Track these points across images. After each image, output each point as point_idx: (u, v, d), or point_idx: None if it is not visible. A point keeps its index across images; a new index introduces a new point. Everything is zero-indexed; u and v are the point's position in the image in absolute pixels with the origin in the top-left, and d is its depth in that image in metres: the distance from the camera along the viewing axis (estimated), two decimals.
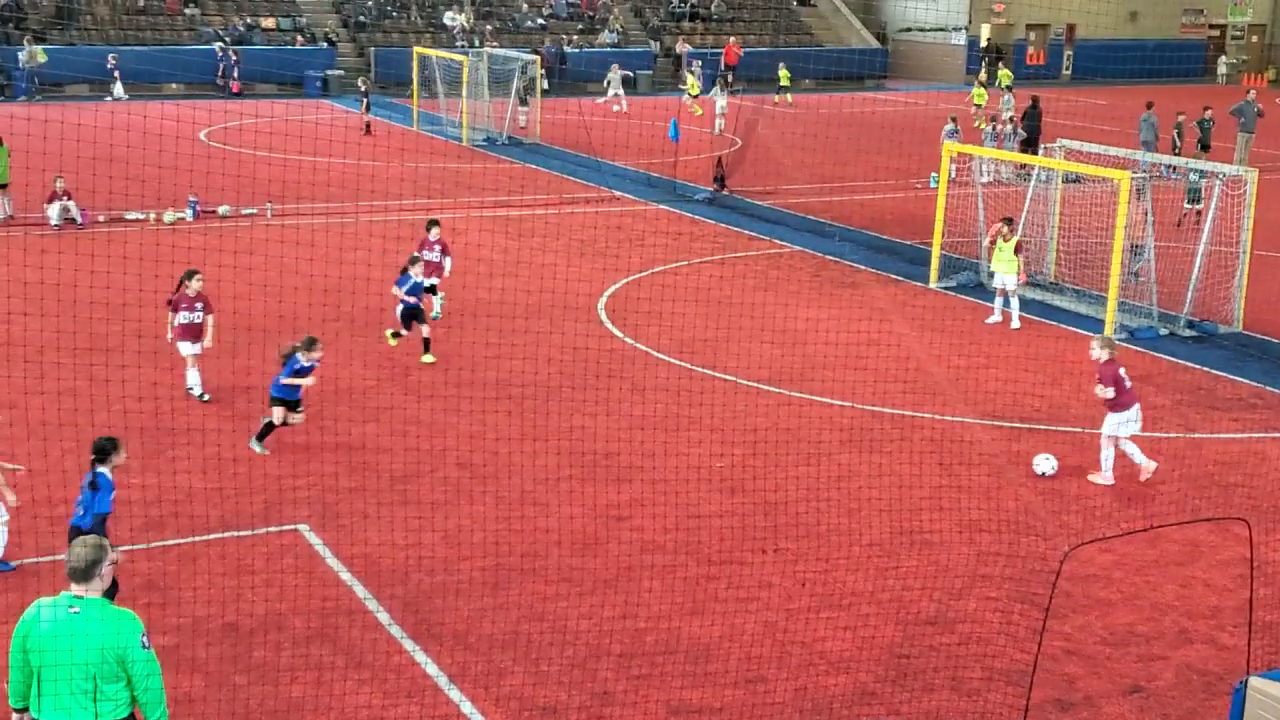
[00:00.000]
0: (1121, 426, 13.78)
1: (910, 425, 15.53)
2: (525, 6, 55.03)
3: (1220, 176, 20.15)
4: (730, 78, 47.46)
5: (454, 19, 52.11)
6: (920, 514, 12.96)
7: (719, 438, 14.73)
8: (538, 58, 39.77)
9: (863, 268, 23.48)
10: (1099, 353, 13.84)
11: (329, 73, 47.85)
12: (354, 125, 37.56)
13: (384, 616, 10.73)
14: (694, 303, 19.69)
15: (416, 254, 17.81)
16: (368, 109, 38.97)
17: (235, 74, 46.09)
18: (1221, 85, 56.04)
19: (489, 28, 51.88)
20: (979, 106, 42.32)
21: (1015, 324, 19.76)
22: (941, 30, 56.73)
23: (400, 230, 24.10)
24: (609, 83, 46.55)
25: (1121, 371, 13.77)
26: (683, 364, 17.59)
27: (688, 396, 16.14)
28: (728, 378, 16.98)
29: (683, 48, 53.62)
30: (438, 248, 18.69)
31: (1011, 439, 15.21)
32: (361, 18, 51.84)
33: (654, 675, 9.98)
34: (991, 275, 20.68)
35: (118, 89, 43.74)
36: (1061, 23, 59.05)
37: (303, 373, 14.25)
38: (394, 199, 27.42)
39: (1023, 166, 26.60)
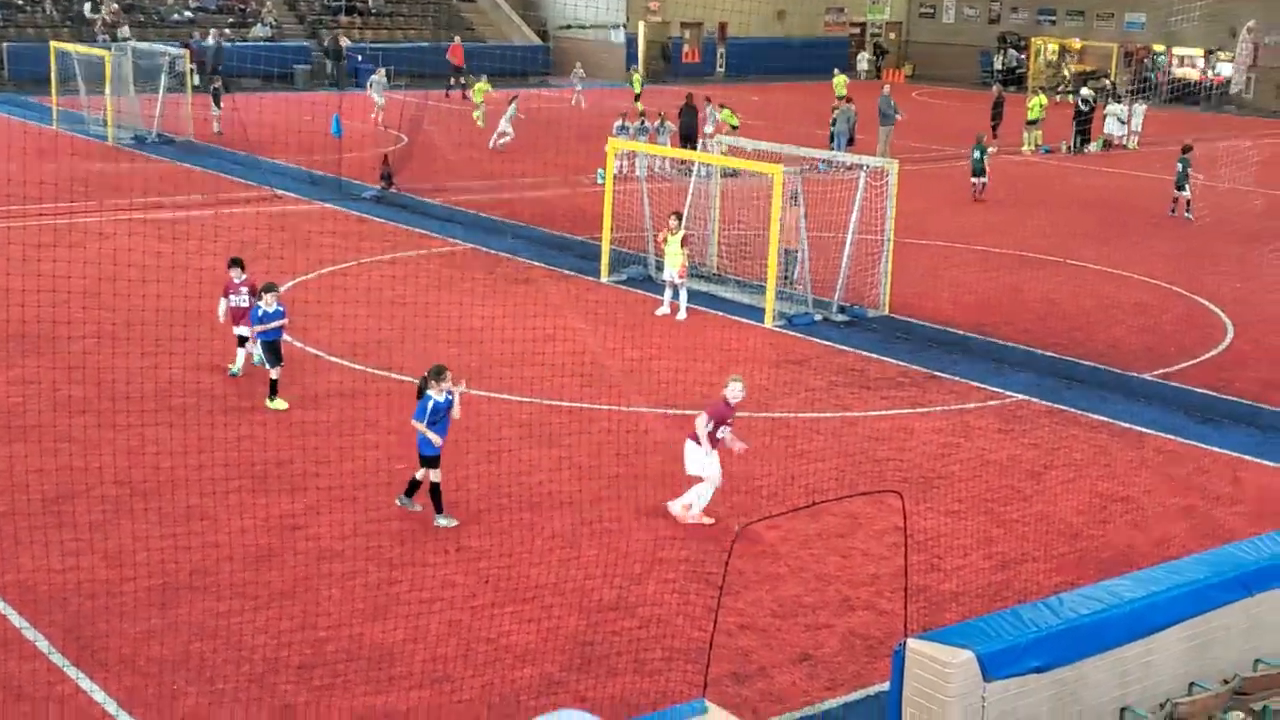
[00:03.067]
0: None
1: (588, 417, 15.77)
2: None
3: (864, 168, 21.39)
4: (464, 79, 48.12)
5: (94, 12, 49.23)
6: (600, 504, 13.18)
7: (397, 440, 14.51)
8: (186, 51, 38.14)
9: (536, 264, 23.66)
10: None
11: None
12: None
13: (43, 644, 10.08)
14: (366, 303, 19.33)
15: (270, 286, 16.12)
16: None
17: None
18: (863, 81, 59.46)
19: (128, 22, 49.20)
20: (638, 96, 43.46)
21: (682, 315, 20.38)
22: (601, 27, 57.78)
23: (40, 236, 22.57)
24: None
25: None
26: (357, 366, 17.25)
27: (363, 399, 15.84)
28: (404, 378, 16.75)
29: (345, 42, 52.54)
30: (244, 290, 16.58)
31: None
32: None
33: (337, 684, 9.77)
34: (660, 268, 21.26)
35: None
36: (714, 21, 61.19)
37: (437, 413, 12.62)
38: (33, 203, 25.66)
39: (683, 162, 27.43)
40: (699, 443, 12.91)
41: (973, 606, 11.29)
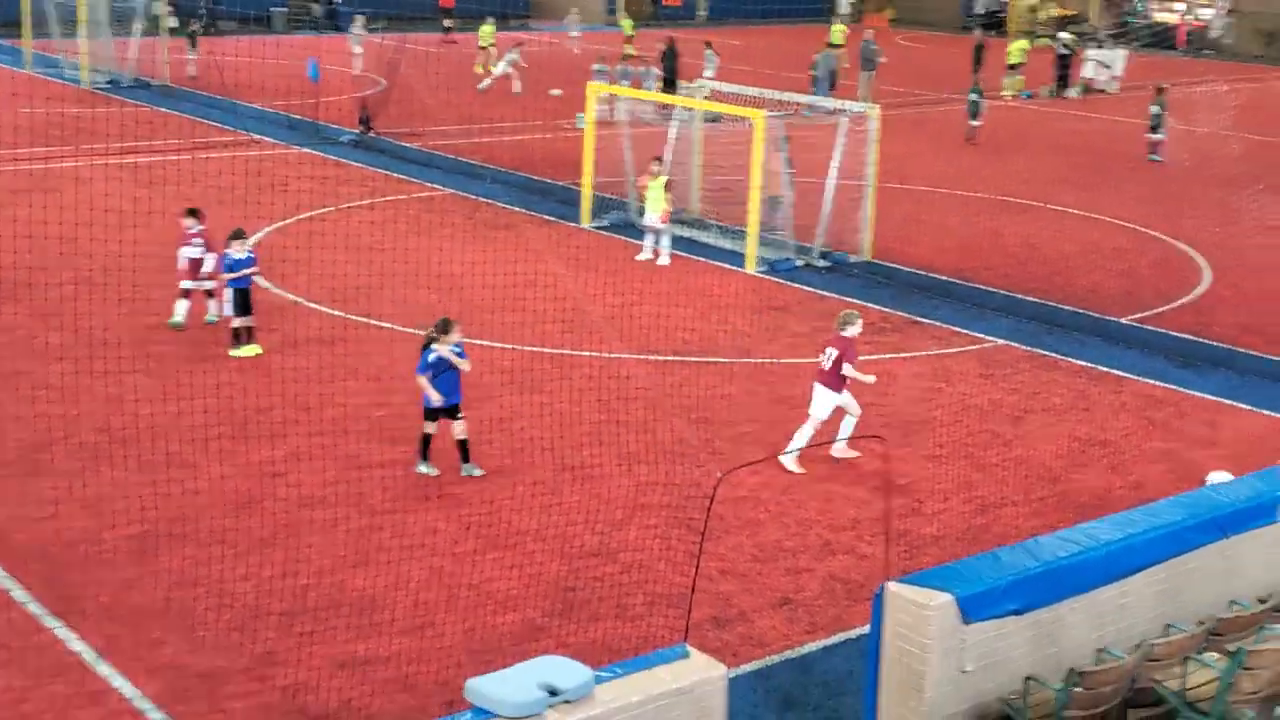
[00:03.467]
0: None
1: (570, 364, 15.75)
2: None
3: (846, 113, 21.27)
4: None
5: None
6: (581, 450, 13.19)
7: (378, 386, 14.48)
8: None
9: (517, 209, 23.53)
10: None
11: None
12: None
13: (20, 594, 10.06)
14: (345, 249, 19.19)
15: (239, 231, 16.00)
16: None
17: None
18: (845, 25, 58.97)
19: None
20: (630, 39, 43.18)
21: (664, 260, 20.32)
22: None
23: (15, 181, 22.35)
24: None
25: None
26: (336, 313, 17.17)
27: (343, 346, 15.78)
28: (385, 325, 16.70)
29: None
30: (197, 241, 16.36)
31: (665, 372, 15.67)
32: None
33: (319, 631, 9.78)
34: (642, 213, 21.16)
35: None
36: None
37: (440, 366, 12.31)
38: (6, 148, 25.37)
39: (665, 106, 27.23)
40: (830, 385, 13.05)
41: (952, 550, 11.36)
